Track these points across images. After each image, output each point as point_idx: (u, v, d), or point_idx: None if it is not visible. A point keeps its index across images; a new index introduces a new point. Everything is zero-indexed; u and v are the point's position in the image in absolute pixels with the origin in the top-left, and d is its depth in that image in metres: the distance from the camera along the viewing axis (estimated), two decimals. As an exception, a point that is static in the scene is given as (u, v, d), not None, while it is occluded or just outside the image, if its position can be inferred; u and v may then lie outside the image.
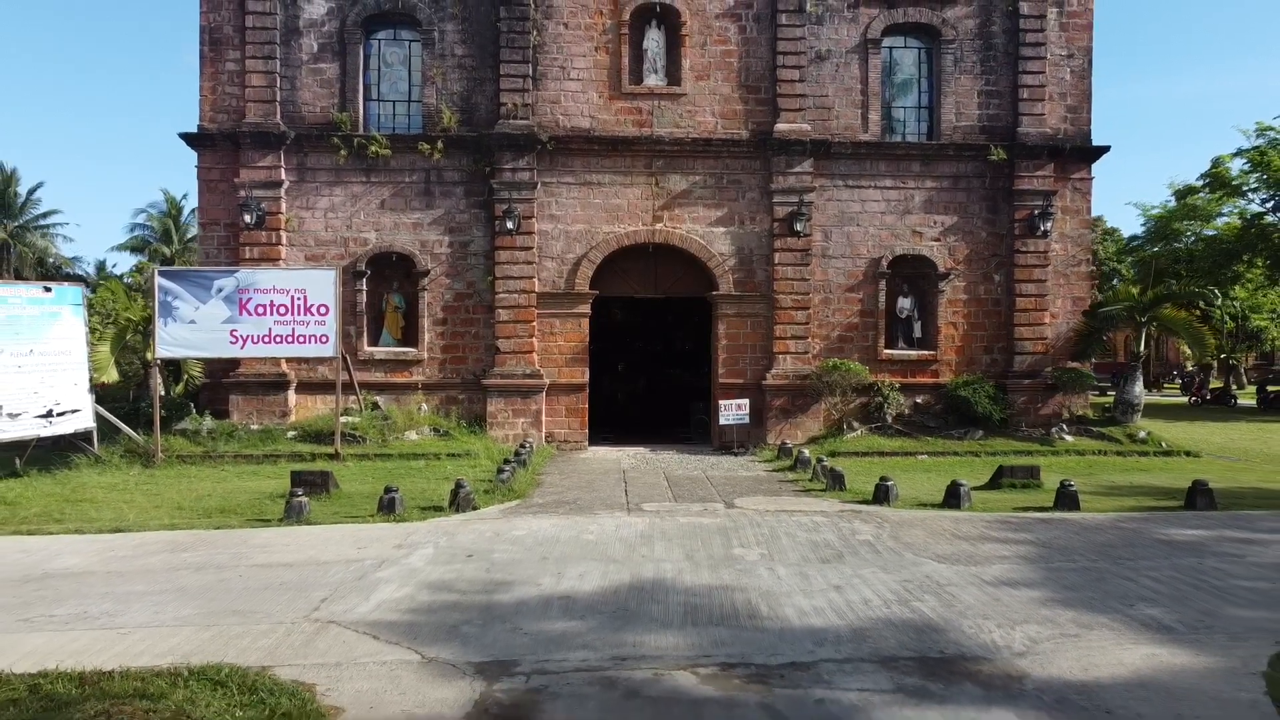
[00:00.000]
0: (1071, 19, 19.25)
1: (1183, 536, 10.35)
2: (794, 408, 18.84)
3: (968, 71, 19.22)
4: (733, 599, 7.75)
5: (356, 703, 5.55)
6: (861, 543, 10.00)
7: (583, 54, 18.77)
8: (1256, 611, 7.40)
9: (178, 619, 7.23)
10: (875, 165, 19.11)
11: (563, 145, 18.63)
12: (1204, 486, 12.27)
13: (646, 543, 9.99)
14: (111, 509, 12.38)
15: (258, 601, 7.73)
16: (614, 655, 6.32)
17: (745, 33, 18.94)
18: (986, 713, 5.36)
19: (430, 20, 18.64)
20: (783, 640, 6.65)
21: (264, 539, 10.36)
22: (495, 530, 10.71)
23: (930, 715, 5.32)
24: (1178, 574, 8.61)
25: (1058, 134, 19.23)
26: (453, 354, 18.86)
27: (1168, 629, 6.92)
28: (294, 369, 18.40)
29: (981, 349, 19.35)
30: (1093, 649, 6.47)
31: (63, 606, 7.62)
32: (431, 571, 8.73)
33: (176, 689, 5.67)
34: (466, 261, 18.81)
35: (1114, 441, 18.13)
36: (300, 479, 12.86)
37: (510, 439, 18.10)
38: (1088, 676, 5.94)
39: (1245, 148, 34.20)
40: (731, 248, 19.04)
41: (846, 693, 5.66)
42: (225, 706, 5.43)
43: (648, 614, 7.33)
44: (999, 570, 8.75)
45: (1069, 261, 19.45)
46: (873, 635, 6.76)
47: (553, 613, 7.35)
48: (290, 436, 17.48)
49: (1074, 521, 11.30)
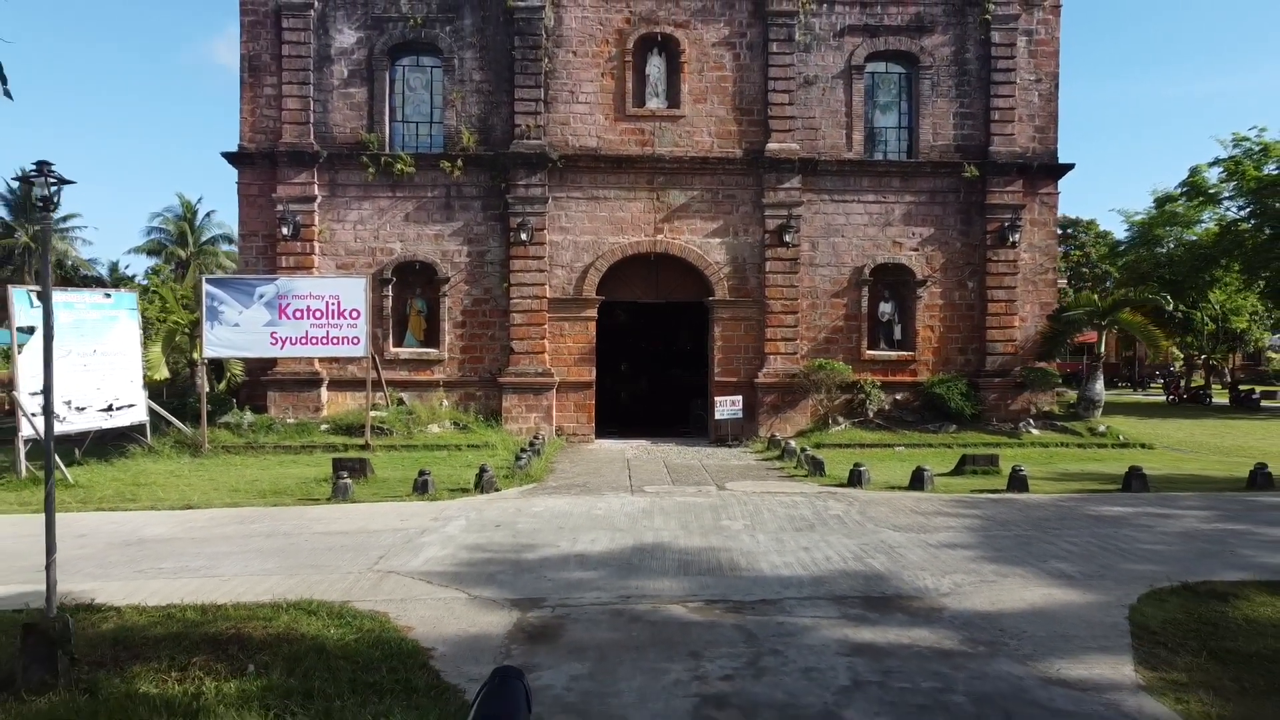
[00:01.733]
0: (1039, 47, 20.91)
1: (1110, 512, 12.02)
2: (784, 404, 20.50)
3: (944, 95, 20.87)
4: (718, 557, 9.43)
5: (422, 624, 7.22)
6: (832, 516, 11.67)
7: (590, 79, 20.44)
8: (1146, 565, 9.06)
9: (263, 570, 8.91)
10: (858, 181, 20.77)
11: (572, 163, 20.30)
12: (1139, 472, 13.92)
13: (647, 516, 11.67)
14: (175, 490, 14.05)
15: (326, 558, 9.41)
16: (621, 594, 7.99)
17: (739, 60, 20.60)
18: (908, 632, 7.03)
19: (450, 49, 20.32)
20: (756, 585, 8.33)
21: (318, 513, 12.05)
22: (517, 507, 12.40)
23: (864, 633, 7.00)
24: (1093, 539, 10.28)
25: (1026, 153, 20.89)
26: (471, 354, 20.55)
27: (1068, 577, 8.59)
28: (326, 368, 20.09)
29: (956, 350, 21.00)
30: (1003, 590, 8.15)
31: (165, 562, 9.29)
32: (466, 537, 10.42)
33: (280, 615, 7.37)
34: (484, 270, 20.49)
35: (1076, 435, 19.78)
36: (341, 465, 14.56)
37: (524, 432, 19.77)
38: (993, 608, 7.63)
39: (1222, 157, 35.82)
40: (726, 257, 20.70)
41: (802, 619, 7.34)
42: (322, 626, 7.12)
43: (648, 567, 9.01)
44: (944, 536, 10.42)
45: (1037, 269, 21.11)
46: (829, 581, 8.44)
47: (570, 566, 9.03)
48: (323, 429, 19.16)
49: (1019, 501, 12.96)
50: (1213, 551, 9.69)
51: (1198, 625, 7.09)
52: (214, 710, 5.48)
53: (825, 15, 20.60)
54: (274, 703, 5.57)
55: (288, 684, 5.88)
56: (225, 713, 5.44)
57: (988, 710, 5.50)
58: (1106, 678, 6.04)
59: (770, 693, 5.76)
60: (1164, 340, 23.22)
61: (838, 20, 20.63)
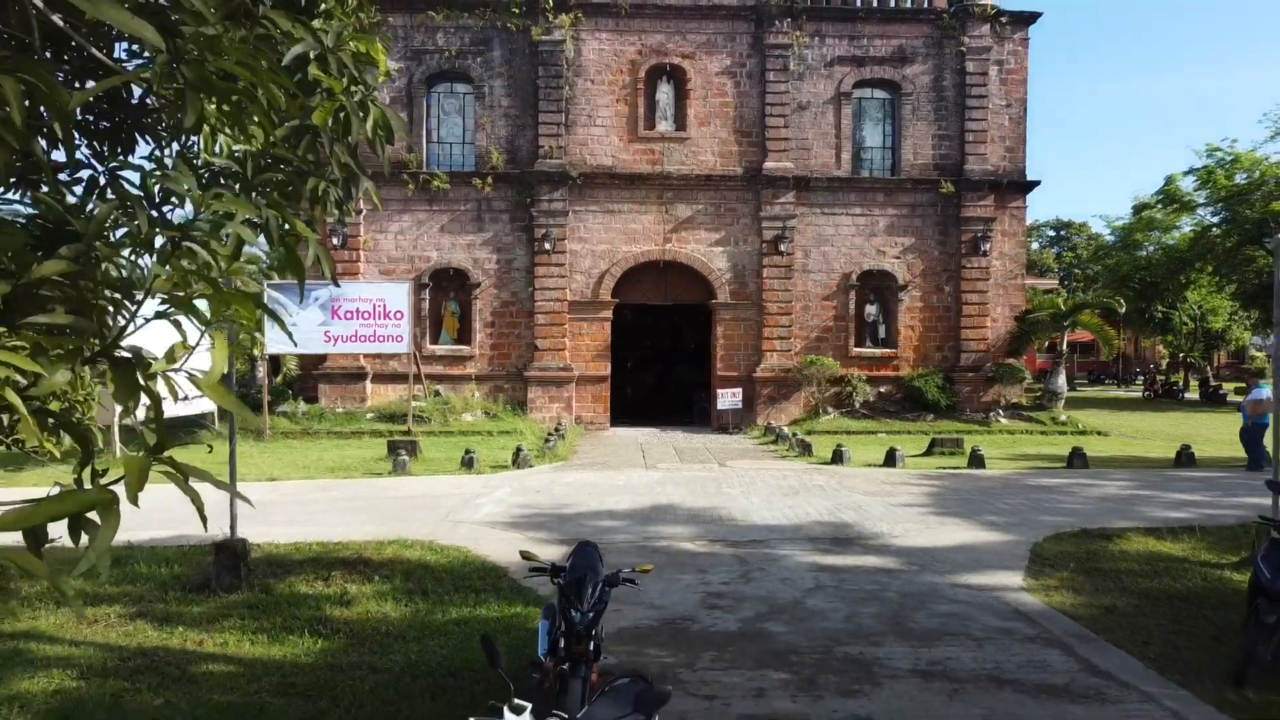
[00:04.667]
0: (1010, 75, 23.23)
1: (1046, 483, 14.37)
2: (779, 396, 22.86)
3: (923, 118, 23.19)
4: (719, 513, 11.79)
5: (494, 554, 9.56)
6: (814, 485, 14.04)
7: (606, 105, 22.79)
8: (1061, 518, 11.40)
9: (358, 521, 11.26)
10: (846, 196, 23.10)
11: (590, 180, 22.65)
12: (1081, 452, 16.27)
13: (661, 485, 14.05)
14: (254, 468, 16.39)
15: (404, 513, 11.77)
16: (643, 536, 10.36)
17: (739, 87, 22.95)
18: (861, 559, 9.39)
19: (481, 78, 22.68)
20: (749, 530, 10.70)
21: (384, 483, 14.42)
22: (551, 479, 14.78)
23: (828, 558, 9.36)
24: (1025, 502, 12.63)
25: (998, 171, 23.21)
26: (499, 351, 22.93)
27: (996, 525, 10.95)
28: (370, 363, 22.47)
29: (934, 347, 23.34)
30: (940, 534, 10.51)
31: (277, 518, 11.63)
32: (514, 499, 12.79)
33: (386, 547, 9.75)
34: (511, 275, 22.87)
35: (1039, 423, 22.11)
36: (396, 446, 16.93)
37: (547, 420, 22.15)
38: (930, 545, 9.98)
39: (1196, 167, 38.04)
40: (728, 264, 23.05)
41: (782, 550, 9.70)
42: (421, 553, 9.50)
43: (663, 518, 11.38)
44: (903, 499, 12.79)
45: (1007, 275, 23.44)
46: (806, 528, 10.81)
47: (602, 518, 11.40)
48: (369, 418, 21.56)
49: (974, 475, 15.32)
50: (1118, 509, 12.04)
51: (1081, 554, 9.45)
52: (359, 600, 7.85)
53: (817, 47, 22.93)
54: (401, 597, 7.93)
55: (407, 586, 8.25)
56: (368, 602, 7.81)
57: (909, 600, 7.86)
58: (1000, 584, 8.40)
59: (756, 591, 8.13)
60: (1117, 340, 25.48)
61: (828, 51, 22.97)
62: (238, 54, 1.79)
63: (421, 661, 6.23)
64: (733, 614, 7.39)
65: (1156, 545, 9.83)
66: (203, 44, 1.73)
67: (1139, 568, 8.88)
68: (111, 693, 5.66)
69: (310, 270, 21.14)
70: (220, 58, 1.71)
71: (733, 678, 5.95)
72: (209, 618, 7.32)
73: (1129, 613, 7.43)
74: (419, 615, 7.35)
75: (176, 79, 1.69)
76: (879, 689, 5.74)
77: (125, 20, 1.66)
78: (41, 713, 5.34)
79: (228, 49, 1.78)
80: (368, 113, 2.65)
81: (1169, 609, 7.53)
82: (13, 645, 6.60)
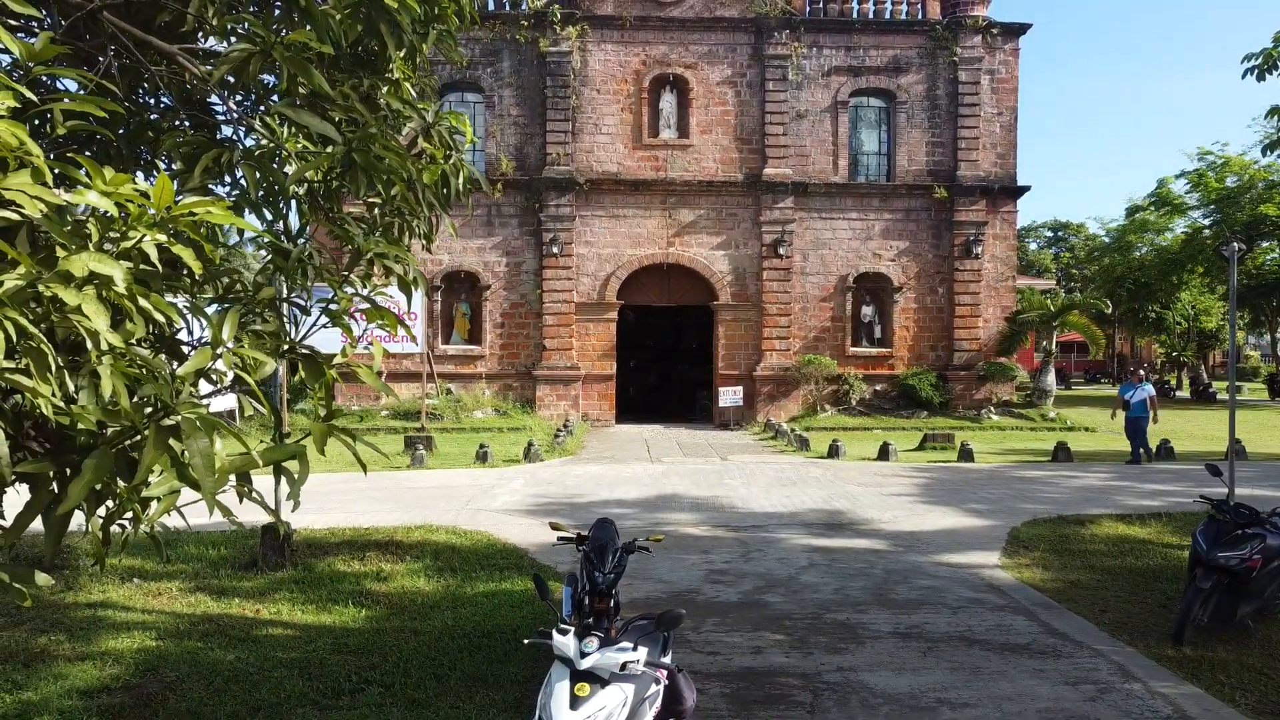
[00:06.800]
0: (1001, 84, 24.05)
1: (1030, 475, 15.18)
2: (778, 393, 23.68)
3: (918, 126, 24.00)
4: (720, 502, 12.61)
5: (514, 537, 10.36)
6: (810, 477, 14.86)
7: (611, 113, 23.61)
8: (1040, 506, 12.20)
9: (385, 509, 12.07)
10: (843, 201, 23.91)
11: (596, 186, 23.46)
12: (1065, 446, 17.08)
13: (665, 477, 14.87)
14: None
15: (427, 502, 12.58)
16: (651, 522, 11.16)
17: (740, 96, 23.77)
18: (852, 541, 10.20)
19: (491, 88, 23.51)
20: (748, 517, 11.51)
21: (405, 475, 15.24)
22: (562, 471, 15.60)
23: (821, 541, 10.17)
24: (1008, 492, 13.43)
25: (989, 177, 24.02)
26: (509, 350, 23.76)
27: (978, 512, 11.75)
28: (384, 362, 23.28)
29: (928, 347, 24.15)
30: (926, 520, 11.32)
31: (312, 506, 12.32)
32: (529, 489, 13.61)
33: (414, 532, 10.56)
34: (520, 278, 23.69)
35: (1029, 420, 22.92)
36: (413, 441, 17.76)
37: (554, 417, 22.97)
38: (915, 529, 10.79)
39: (1188, 170, 38.84)
40: (729, 266, 23.86)
41: (779, 534, 10.51)
42: (447, 536, 10.32)
43: (669, 507, 12.20)
44: (893, 489, 13.60)
45: (998, 277, 24.25)
46: (802, 515, 11.62)
47: (612, 507, 12.20)
48: (383, 415, 22.39)
49: (963, 468, 16.13)
50: (1095, 498, 12.85)
51: (1054, 537, 10.25)
52: (394, 577, 8.67)
53: (815, 58, 23.75)
54: (432, 574, 8.75)
55: (437, 564, 9.07)
56: (402, 578, 8.62)
57: (894, 576, 8.66)
58: (977, 562, 9.21)
59: (754, 568, 8.94)
60: (1103, 339, 26.29)
61: (825, 62, 23.79)
62: (384, 141, 2.60)
63: (457, 626, 7.03)
64: (733, 588, 8.20)
65: (1125, 529, 10.63)
66: (364, 137, 2.53)
67: (1106, 549, 9.68)
68: (189, 650, 6.48)
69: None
70: (377, 146, 2.50)
71: (733, 638, 6.76)
72: (260, 591, 8.13)
73: (1091, 586, 8.23)
74: (450, 589, 8.16)
75: (349, 161, 2.49)
76: (862, 647, 6.55)
77: (315, 123, 2.48)
78: (132, 664, 6.16)
79: (379, 138, 2.58)
80: (460, 172, 3.47)
81: (1128, 583, 8.33)
82: (91, 613, 7.41)
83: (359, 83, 3.00)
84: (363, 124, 2.57)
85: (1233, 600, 6.57)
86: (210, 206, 1.83)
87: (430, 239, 3.80)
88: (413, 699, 5.52)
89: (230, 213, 1.85)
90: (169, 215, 1.79)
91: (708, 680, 5.86)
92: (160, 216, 1.77)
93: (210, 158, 2.30)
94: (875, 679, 5.86)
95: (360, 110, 2.60)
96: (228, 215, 1.85)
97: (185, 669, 6.07)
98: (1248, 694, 5.64)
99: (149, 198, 1.86)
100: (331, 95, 2.40)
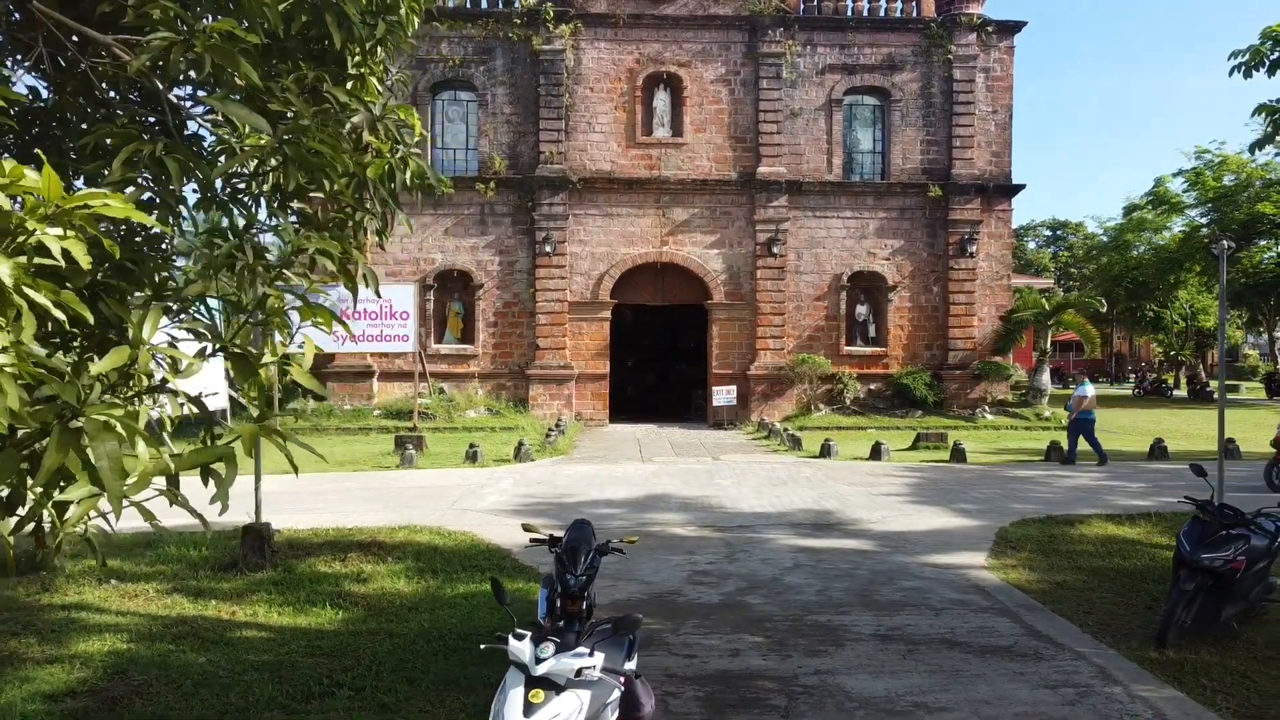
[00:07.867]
0: (995, 83, 23.96)
1: (1021, 474, 15.10)
2: (772, 393, 23.60)
3: (912, 124, 23.92)
4: (709, 501, 12.53)
5: (498, 538, 10.28)
6: (802, 477, 14.78)
7: (605, 112, 23.53)
8: (1029, 506, 12.12)
9: (371, 509, 12.00)
10: (838, 200, 23.83)
11: (589, 185, 23.38)
12: (1058, 445, 16.98)
13: (656, 476, 14.79)
14: (269, 461, 17.07)
15: (413, 502, 12.51)
16: (638, 522, 11.09)
17: (734, 95, 23.68)
18: (839, 542, 10.13)
19: (484, 86, 23.43)
20: (737, 517, 11.44)
21: (394, 475, 15.17)
22: (552, 471, 15.52)
23: (808, 541, 10.10)
24: (999, 491, 13.35)
25: (984, 175, 23.94)
26: (502, 350, 23.68)
27: (968, 512, 11.68)
28: (377, 361, 23.21)
29: (923, 346, 24.07)
30: (915, 520, 11.24)
31: (296, 505, 12.36)
32: (517, 489, 13.53)
33: (398, 532, 10.49)
34: (513, 277, 23.61)
35: (1024, 419, 22.84)
36: (403, 441, 17.69)
37: (548, 417, 22.89)
38: (904, 529, 10.71)
39: (1185, 168, 38.78)
40: (723, 265, 23.78)
41: (766, 535, 10.43)
42: (430, 537, 10.24)
43: (657, 507, 12.13)
44: (884, 489, 13.52)
45: (993, 276, 24.17)
46: (790, 515, 11.54)
47: (600, 507, 12.14)
48: (376, 414, 22.31)
49: (955, 467, 16.05)
50: (1085, 498, 12.77)
51: (1043, 537, 10.17)
52: (374, 578, 8.59)
53: (809, 56, 23.67)
54: (413, 575, 8.67)
55: (419, 565, 8.99)
56: (382, 579, 8.54)
57: (879, 577, 8.59)
58: (963, 563, 9.13)
59: (739, 569, 8.86)
60: (1098, 338, 26.24)
61: (819, 60, 23.70)
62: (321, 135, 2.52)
63: (434, 628, 6.96)
64: (716, 589, 8.12)
65: (1114, 530, 10.55)
66: (296, 129, 2.45)
67: (1094, 549, 9.60)
68: (159, 653, 6.40)
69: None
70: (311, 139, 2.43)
71: (712, 640, 6.68)
72: (238, 592, 8.05)
73: (1077, 587, 8.15)
74: (430, 590, 8.08)
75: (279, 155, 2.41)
76: (842, 649, 6.47)
77: (245, 115, 2.40)
78: (101, 668, 6.08)
79: (313, 131, 2.51)
80: (408, 166, 3.39)
81: (1114, 584, 8.25)
82: (65, 615, 7.34)
83: (303, 75, 2.91)
84: (295, 116, 2.49)
85: (1217, 602, 6.50)
86: (108, 199, 1.75)
87: (384, 235, 3.70)
88: (382, 703, 5.45)
89: (130, 206, 1.78)
90: (61, 209, 1.71)
91: (683, 683, 5.79)
92: (51, 210, 1.70)
93: (130, 150, 2.23)
94: (853, 682, 5.79)
95: (296, 103, 2.52)
96: (127, 209, 1.78)
97: (155, 672, 6.00)
98: (1229, 697, 5.57)
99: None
100: (260, 87, 2.33)
